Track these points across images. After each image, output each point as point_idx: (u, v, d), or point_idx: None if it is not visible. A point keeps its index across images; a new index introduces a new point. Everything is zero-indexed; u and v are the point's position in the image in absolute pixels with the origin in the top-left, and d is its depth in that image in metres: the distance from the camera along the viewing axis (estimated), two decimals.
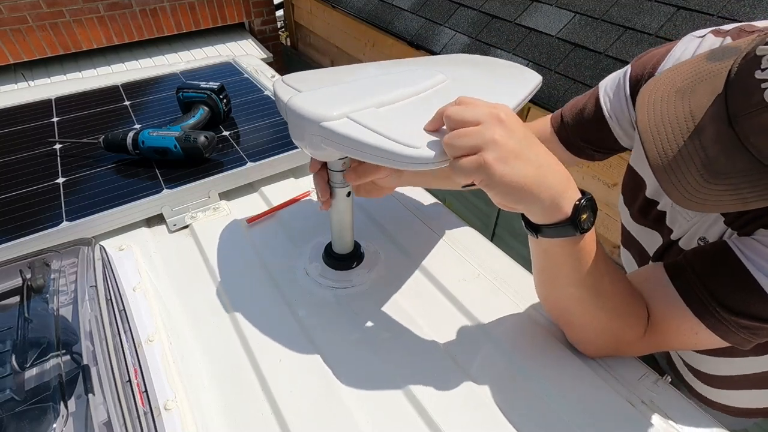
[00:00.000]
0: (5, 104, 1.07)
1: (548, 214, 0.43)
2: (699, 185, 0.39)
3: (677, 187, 0.40)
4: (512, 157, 0.40)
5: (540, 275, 0.54)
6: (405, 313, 0.65)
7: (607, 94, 0.65)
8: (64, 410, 0.45)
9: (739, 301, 0.45)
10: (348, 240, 0.70)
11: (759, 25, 0.52)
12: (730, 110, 0.38)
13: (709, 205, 0.40)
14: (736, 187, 0.39)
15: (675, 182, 0.40)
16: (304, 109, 0.49)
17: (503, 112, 0.42)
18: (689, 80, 0.43)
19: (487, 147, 0.40)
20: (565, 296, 0.52)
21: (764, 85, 0.35)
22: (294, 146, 0.91)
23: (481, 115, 0.41)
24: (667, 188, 0.41)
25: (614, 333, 0.53)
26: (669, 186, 0.41)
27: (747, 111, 0.37)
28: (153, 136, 0.83)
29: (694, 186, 0.39)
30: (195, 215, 0.81)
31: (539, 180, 0.41)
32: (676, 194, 0.41)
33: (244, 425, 0.52)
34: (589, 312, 0.52)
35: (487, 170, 0.40)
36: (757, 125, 0.36)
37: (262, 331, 0.62)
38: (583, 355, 0.58)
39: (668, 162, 0.40)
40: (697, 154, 0.39)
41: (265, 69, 1.28)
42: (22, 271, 0.60)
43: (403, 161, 0.44)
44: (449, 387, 0.55)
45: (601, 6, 1.80)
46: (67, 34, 2.88)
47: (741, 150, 0.38)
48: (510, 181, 0.40)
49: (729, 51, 0.42)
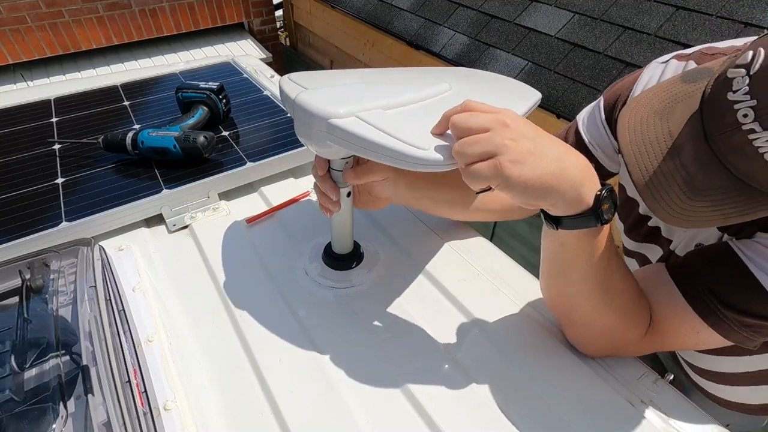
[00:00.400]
0: (4, 104, 1.07)
1: (570, 206, 0.43)
2: (682, 202, 0.41)
3: (661, 204, 0.42)
4: (527, 156, 0.40)
5: (550, 269, 0.54)
6: (405, 313, 0.65)
7: (584, 124, 0.67)
8: (63, 411, 0.45)
9: (741, 300, 0.46)
10: (348, 240, 0.70)
11: (720, 46, 0.54)
12: (706, 129, 0.40)
13: (693, 221, 0.41)
14: (718, 203, 0.40)
15: (659, 200, 0.42)
16: (312, 106, 0.49)
17: (508, 117, 0.42)
18: (666, 101, 0.44)
19: (499, 151, 0.40)
20: (573, 292, 0.52)
21: (736, 106, 0.37)
22: (294, 146, 0.91)
23: (488, 121, 0.42)
24: (652, 206, 0.42)
25: (619, 332, 0.53)
26: (654, 204, 0.42)
27: (722, 131, 0.38)
28: (152, 136, 0.83)
29: (677, 203, 0.41)
30: (194, 215, 0.81)
31: (559, 173, 0.41)
32: (661, 212, 0.42)
33: (244, 425, 0.52)
34: (597, 309, 0.52)
35: (503, 173, 0.40)
36: (731, 145, 0.38)
37: (262, 331, 0.62)
38: (582, 354, 0.58)
39: (651, 180, 0.42)
40: (678, 172, 0.41)
41: (264, 69, 1.28)
42: (21, 272, 0.60)
43: (411, 162, 0.44)
44: (449, 387, 0.55)
45: (601, 6, 1.81)
46: (67, 34, 2.87)
47: (719, 167, 0.39)
48: (528, 180, 0.40)
49: (702, 72, 0.44)
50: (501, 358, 0.59)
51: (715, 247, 0.50)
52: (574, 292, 0.52)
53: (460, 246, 0.76)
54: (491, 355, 0.59)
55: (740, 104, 0.36)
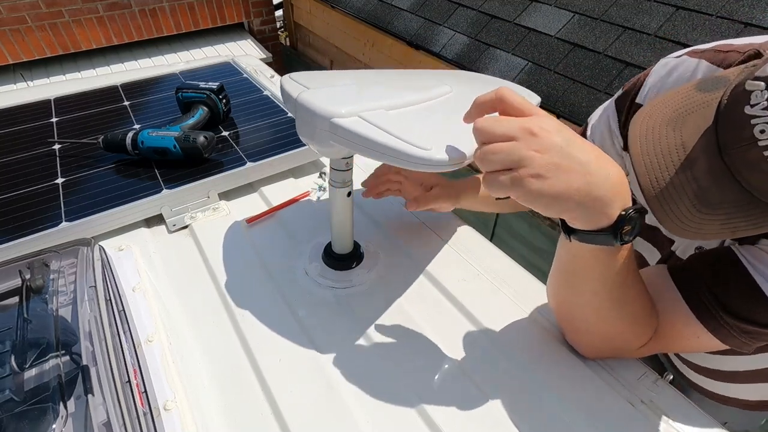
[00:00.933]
0: (4, 104, 1.07)
1: (590, 222, 0.41)
2: (692, 215, 0.40)
3: (670, 216, 0.41)
4: (552, 170, 0.38)
5: (560, 277, 0.53)
6: (405, 313, 0.65)
7: (593, 125, 0.66)
8: (63, 411, 0.45)
9: (744, 307, 0.45)
10: (348, 240, 0.70)
11: (736, 43, 0.52)
12: (721, 142, 0.39)
13: (702, 234, 0.41)
14: (729, 217, 0.39)
15: (668, 211, 0.41)
16: (314, 105, 0.49)
17: (538, 124, 0.39)
18: (680, 111, 0.43)
19: (522, 164, 0.38)
20: (582, 302, 0.51)
21: (753, 121, 0.36)
22: (294, 146, 0.91)
23: (514, 130, 0.39)
24: (661, 217, 0.41)
25: (622, 339, 0.53)
26: (662, 215, 0.41)
27: (737, 145, 0.37)
28: (152, 136, 0.83)
29: (686, 216, 0.40)
30: (194, 215, 0.81)
31: (586, 189, 0.39)
32: (669, 223, 0.41)
33: (244, 425, 0.52)
34: (606, 321, 0.51)
35: (523, 187, 0.38)
36: (746, 159, 0.37)
37: (262, 331, 0.62)
38: (582, 355, 0.58)
39: (661, 192, 0.41)
40: (690, 185, 0.40)
41: (264, 69, 1.28)
42: (21, 272, 0.60)
43: (414, 162, 0.44)
44: (449, 386, 0.55)
45: (600, 6, 1.81)
46: (67, 34, 2.87)
47: (732, 181, 0.39)
48: (550, 194, 0.38)
49: (718, 81, 0.43)
50: (501, 358, 0.59)
51: (717, 252, 0.50)
52: (583, 303, 0.51)
53: (460, 246, 0.76)
54: (491, 355, 0.59)
55: (758, 119, 0.36)
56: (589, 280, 0.48)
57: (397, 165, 0.46)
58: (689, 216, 0.40)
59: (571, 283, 0.51)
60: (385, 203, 0.85)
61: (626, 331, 0.52)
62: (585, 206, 0.39)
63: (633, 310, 0.50)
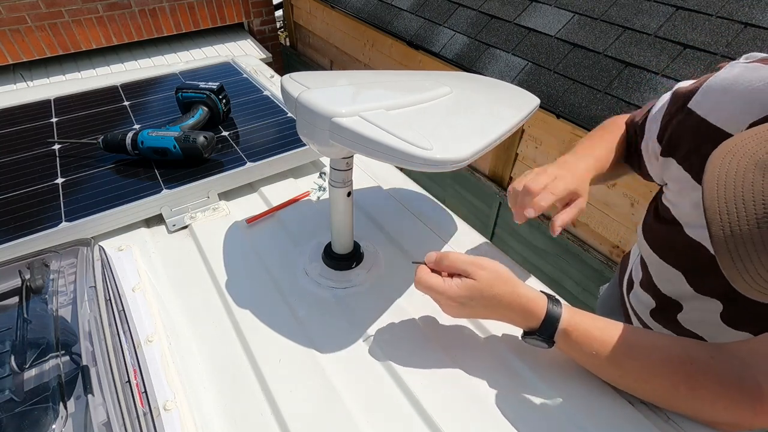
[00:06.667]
0: (4, 104, 1.07)
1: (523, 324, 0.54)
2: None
3: (743, 274, 0.36)
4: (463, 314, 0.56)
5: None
6: (404, 313, 0.65)
7: (652, 116, 0.64)
8: (63, 411, 0.45)
9: None
10: (348, 240, 0.69)
11: None
12: None
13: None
14: None
15: (741, 270, 0.35)
16: (315, 105, 0.49)
17: (446, 298, 0.54)
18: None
19: (439, 303, 0.56)
20: (608, 380, 0.55)
21: None
22: (294, 146, 0.91)
23: (432, 294, 0.56)
24: (731, 275, 0.36)
25: (714, 410, 0.48)
26: (733, 273, 0.36)
27: None
28: (152, 136, 0.83)
29: (763, 276, 0.35)
30: (194, 215, 0.81)
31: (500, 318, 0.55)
32: (741, 283, 0.36)
33: (244, 425, 0.52)
34: (644, 396, 0.52)
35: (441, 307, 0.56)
36: None
37: (262, 331, 0.62)
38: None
39: (736, 247, 0.35)
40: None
41: (264, 69, 1.29)
42: (21, 272, 0.60)
43: (414, 162, 0.44)
44: (448, 386, 0.55)
45: (600, 6, 1.81)
46: (66, 34, 2.87)
47: None
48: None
49: None
50: (500, 358, 0.59)
51: None
52: (609, 380, 0.54)
53: (461, 246, 0.76)
54: (490, 355, 0.59)
55: None
56: (583, 365, 0.55)
57: (396, 164, 0.46)
58: (765, 276, 0.34)
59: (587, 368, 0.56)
60: (385, 203, 0.85)
61: (682, 406, 0.49)
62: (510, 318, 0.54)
63: (652, 386, 0.49)
